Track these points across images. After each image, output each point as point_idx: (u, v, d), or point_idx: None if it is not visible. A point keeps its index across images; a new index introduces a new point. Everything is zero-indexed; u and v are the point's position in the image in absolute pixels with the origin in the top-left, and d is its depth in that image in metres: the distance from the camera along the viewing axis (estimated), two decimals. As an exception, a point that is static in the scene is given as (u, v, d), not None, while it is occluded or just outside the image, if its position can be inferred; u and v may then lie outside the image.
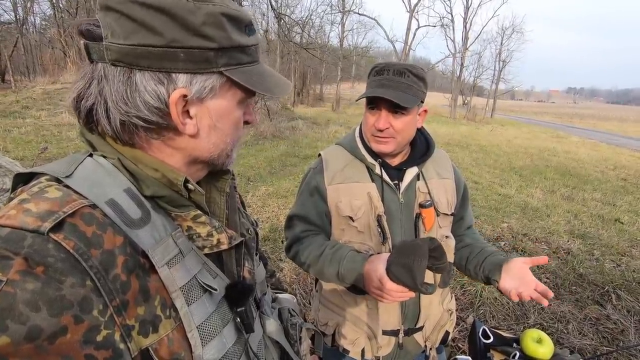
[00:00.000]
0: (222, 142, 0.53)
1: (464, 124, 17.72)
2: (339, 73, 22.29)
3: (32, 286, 0.35)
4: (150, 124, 0.47)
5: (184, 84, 0.45)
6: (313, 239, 1.09)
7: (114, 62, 0.43)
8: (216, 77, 0.47)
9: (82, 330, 0.37)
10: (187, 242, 0.50)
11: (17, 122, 7.60)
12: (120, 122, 0.46)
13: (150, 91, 0.44)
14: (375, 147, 1.04)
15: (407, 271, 0.80)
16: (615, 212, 4.88)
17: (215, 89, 0.48)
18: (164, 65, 0.44)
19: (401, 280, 0.81)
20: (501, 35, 25.61)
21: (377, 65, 1.01)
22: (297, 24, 15.20)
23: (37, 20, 19.77)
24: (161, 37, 0.42)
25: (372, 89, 0.98)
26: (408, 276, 0.80)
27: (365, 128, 1.05)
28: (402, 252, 0.82)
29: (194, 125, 0.49)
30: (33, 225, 0.37)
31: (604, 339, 2.34)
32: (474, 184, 5.93)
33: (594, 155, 9.86)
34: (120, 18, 0.42)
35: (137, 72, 0.44)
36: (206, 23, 0.44)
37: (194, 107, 0.48)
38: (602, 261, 3.39)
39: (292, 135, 9.58)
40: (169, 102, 0.45)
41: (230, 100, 0.51)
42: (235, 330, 0.54)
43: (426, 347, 1.13)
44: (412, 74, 0.97)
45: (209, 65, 0.46)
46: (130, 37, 0.42)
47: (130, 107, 0.45)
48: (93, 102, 0.46)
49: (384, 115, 0.98)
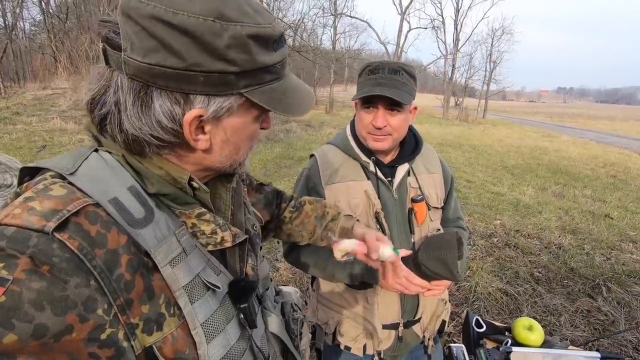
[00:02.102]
0: (234, 154, 0.53)
1: (456, 125, 17.87)
2: (331, 75, 22.35)
3: (37, 285, 0.36)
4: (162, 142, 0.46)
5: (201, 105, 0.44)
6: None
7: (131, 76, 0.42)
8: (235, 97, 0.46)
9: (87, 329, 0.38)
10: (190, 240, 0.50)
11: (7, 128, 7.50)
12: (133, 136, 0.45)
13: (165, 111, 0.43)
14: (372, 145, 1.05)
15: (442, 264, 0.89)
16: (605, 208, 4.97)
17: (232, 109, 0.47)
18: (182, 86, 0.42)
19: (438, 274, 0.90)
20: (491, 37, 25.92)
21: (370, 65, 1.02)
22: (289, 27, 15.25)
23: (26, 25, 19.57)
24: (182, 60, 0.40)
25: (369, 87, 0.99)
26: (444, 268, 0.89)
27: (361, 126, 1.06)
28: (432, 247, 0.90)
29: (206, 141, 0.48)
30: (38, 225, 0.37)
31: (596, 330, 2.39)
32: (467, 183, 5.99)
33: (584, 154, 10.01)
34: (140, 32, 0.40)
35: (154, 90, 0.43)
36: (230, 46, 0.41)
37: (209, 124, 0.47)
38: (592, 255, 3.45)
39: (286, 138, 9.59)
40: (183, 121, 0.44)
41: (247, 117, 0.50)
42: (238, 326, 0.54)
43: (424, 338, 1.15)
44: (405, 72, 0.99)
45: (229, 88, 0.44)
46: (149, 55, 0.40)
47: (144, 125, 0.44)
48: (107, 111, 0.46)
49: (381, 114, 1.00)
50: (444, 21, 23.01)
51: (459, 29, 22.92)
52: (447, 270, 0.89)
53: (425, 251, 0.92)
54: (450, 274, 0.89)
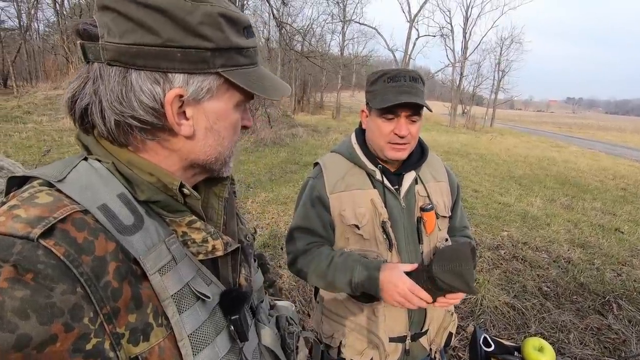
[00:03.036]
0: (218, 145, 0.52)
1: (463, 133, 17.80)
2: (339, 81, 22.44)
3: (21, 294, 0.35)
4: (145, 125, 0.46)
5: (180, 83, 0.45)
6: (318, 251, 1.08)
7: (109, 61, 0.43)
8: (213, 78, 0.47)
9: (71, 338, 0.37)
10: (180, 249, 0.49)
11: (18, 127, 7.62)
12: (115, 122, 0.45)
13: (145, 91, 0.44)
14: (391, 155, 1.03)
15: (458, 276, 0.86)
16: (615, 222, 4.87)
17: (212, 90, 0.48)
18: (160, 64, 0.43)
19: (454, 287, 0.87)
20: (500, 46, 25.86)
21: (387, 72, 1.00)
22: (298, 33, 15.36)
23: (40, 26, 19.97)
24: (157, 36, 0.42)
25: (392, 95, 0.97)
26: (461, 281, 0.86)
27: (379, 136, 1.03)
28: (446, 259, 0.88)
29: (190, 127, 0.48)
30: (22, 232, 0.36)
31: (606, 349, 2.32)
32: (474, 192, 5.93)
33: (594, 165, 9.88)
34: (116, 17, 0.42)
35: (133, 72, 0.43)
36: (203, 23, 0.44)
37: (190, 108, 0.47)
38: (602, 270, 3.37)
39: (292, 142, 9.61)
40: (164, 101, 0.45)
41: (228, 103, 0.50)
42: (229, 339, 0.53)
43: (431, 350, 1.13)
44: (421, 80, 1.00)
45: (206, 66, 0.45)
46: (126, 36, 0.42)
47: (125, 107, 0.44)
48: (88, 102, 0.46)
49: (403, 122, 0.99)
50: (453, 29, 23.08)
51: (467, 37, 22.93)
52: (463, 283, 0.87)
53: (439, 264, 0.89)
54: (467, 287, 0.87)
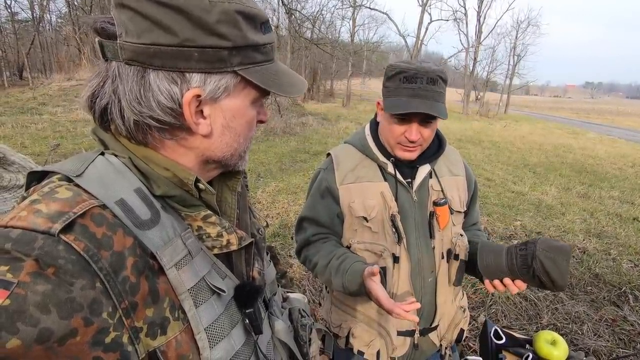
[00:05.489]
0: (235, 142, 0.53)
1: (476, 120, 17.44)
2: (349, 68, 22.14)
3: (42, 288, 0.35)
4: (163, 124, 0.46)
5: (198, 83, 0.45)
6: (322, 245, 1.08)
7: (128, 61, 0.43)
8: (230, 76, 0.47)
9: (91, 332, 0.37)
10: (196, 243, 0.50)
11: (34, 119, 7.78)
12: (134, 122, 0.46)
13: (163, 91, 0.44)
14: (400, 155, 1.01)
15: (557, 268, 0.86)
16: (634, 211, 4.74)
17: (229, 89, 0.48)
18: (178, 64, 0.43)
19: (550, 274, 0.87)
20: (516, 29, 25.04)
21: (404, 71, 0.94)
22: (307, 20, 15.13)
23: (53, 18, 20.17)
24: (175, 36, 0.42)
25: (405, 98, 0.93)
26: (558, 273, 0.86)
27: (390, 136, 1.01)
28: (551, 248, 0.88)
29: (207, 125, 0.48)
30: (44, 227, 0.37)
31: (620, 341, 2.28)
32: (487, 181, 5.83)
33: (612, 152, 9.59)
34: (134, 16, 0.42)
35: (151, 72, 0.44)
36: (221, 21, 0.43)
37: (207, 106, 0.48)
38: (619, 261, 3.30)
39: (302, 131, 9.57)
40: (182, 102, 0.45)
41: (244, 100, 0.50)
42: (244, 332, 0.54)
43: (441, 347, 1.12)
44: (441, 80, 0.94)
45: (223, 65, 0.45)
46: (143, 35, 0.42)
47: (144, 107, 0.45)
48: (107, 102, 0.46)
49: (415, 127, 0.96)
50: (467, 13, 22.40)
51: (482, 20, 22.23)
52: (560, 276, 0.86)
53: (544, 246, 0.89)
54: (561, 280, 0.87)
